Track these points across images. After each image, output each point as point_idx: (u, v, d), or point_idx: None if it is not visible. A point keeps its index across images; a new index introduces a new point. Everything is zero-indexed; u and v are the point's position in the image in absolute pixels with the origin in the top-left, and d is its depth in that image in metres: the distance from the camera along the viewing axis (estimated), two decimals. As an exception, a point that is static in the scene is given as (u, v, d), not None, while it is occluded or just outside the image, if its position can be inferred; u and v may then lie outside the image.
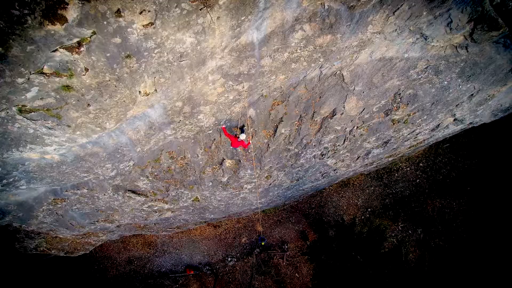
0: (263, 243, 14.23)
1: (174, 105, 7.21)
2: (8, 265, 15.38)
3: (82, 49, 4.79)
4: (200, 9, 5.01)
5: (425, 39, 7.22)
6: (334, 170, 12.45)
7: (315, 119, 9.28)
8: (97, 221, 11.64)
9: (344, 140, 10.31)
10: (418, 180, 16.10)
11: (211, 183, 11.02)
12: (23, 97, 5.16)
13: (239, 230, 17.58)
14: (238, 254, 17.45)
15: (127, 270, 17.76)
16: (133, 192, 10.33)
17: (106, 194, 10.00)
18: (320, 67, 7.65)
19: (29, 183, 8.12)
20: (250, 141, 8.83)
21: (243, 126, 8.25)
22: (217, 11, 5.19)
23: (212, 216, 14.21)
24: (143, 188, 10.32)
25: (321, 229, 15.00)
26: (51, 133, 6.23)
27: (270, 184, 12.24)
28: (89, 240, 14.22)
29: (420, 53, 7.66)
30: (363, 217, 16.34)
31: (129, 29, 4.82)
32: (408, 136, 10.93)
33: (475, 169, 15.43)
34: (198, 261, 17.66)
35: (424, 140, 11.94)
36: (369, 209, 16.41)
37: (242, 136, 7.76)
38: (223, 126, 8.11)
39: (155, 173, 9.76)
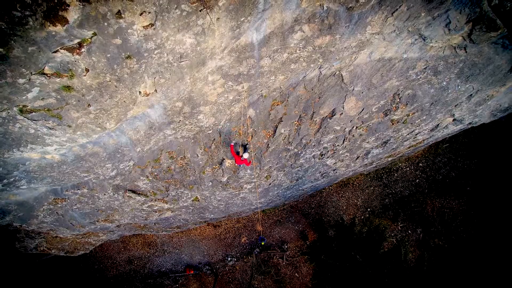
0: (263, 243, 14.27)
1: (174, 105, 7.25)
2: (8, 265, 15.42)
3: (82, 50, 4.83)
4: (200, 11, 5.05)
5: (424, 39, 7.25)
6: (334, 170, 12.48)
7: (315, 119, 9.31)
8: (97, 221, 11.67)
9: (344, 140, 10.34)
10: (417, 180, 16.14)
11: (211, 183, 11.06)
12: (24, 97, 5.20)
13: (239, 230, 17.62)
14: (238, 254, 17.49)
15: (127, 269, 17.81)
16: (133, 192, 10.37)
17: (106, 193, 10.04)
18: (320, 68, 7.69)
19: (30, 183, 8.15)
20: (252, 160, 9.78)
21: (246, 144, 9.12)
22: (217, 12, 5.23)
23: (212, 216, 14.24)
24: (143, 188, 10.35)
25: (320, 229, 15.03)
26: (52, 133, 6.27)
27: (269, 184, 12.28)
28: (89, 240, 14.26)
29: (419, 54, 7.69)
30: (362, 217, 16.38)
31: (129, 30, 4.86)
32: (408, 136, 10.96)
33: (475, 169, 15.46)
34: (198, 260, 17.69)
35: (423, 140, 11.97)
36: (368, 209, 16.44)
37: (245, 155, 8.50)
38: (232, 144, 8.85)
39: (155, 173, 9.80)
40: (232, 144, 8.75)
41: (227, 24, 5.55)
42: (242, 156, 8.52)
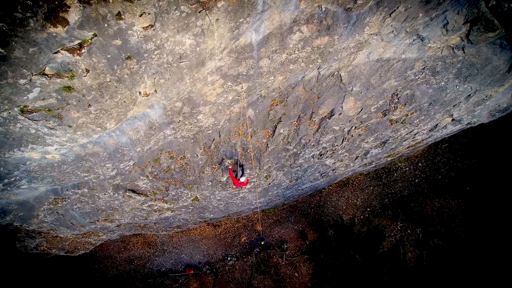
0: (262, 243, 14.34)
1: (174, 106, 7.30)
2: (8, 265, 15.47)
3: (83, 50, 4.88)
4: (199, 12, 5.10)
5: (422, 40, 7.29)
6: (333, 170, 12.52)
7: (314, 119, 9.36)
8: (97, 221, 11.72)
9: (343, 140, 10.38)
10: (417, 180, 16.18)
11: (210, 183, 11.10)
12: (25, 97, 5.25)
13: (238, 229, 17.67)
14: (238, 254, 17.54)
15: (127, 269, 17.86)
16: (133, 191, 10.41)
17: (106, 193, 10.08)
18: (318, 68, 7.73)
19: (30, 183, 8.20)
20: (249, 179, 10.53)
21: (243, 166, 9.74)
22: (216, 14, 5.27)
23: (211, 215, 14.29)
24: (143, 187, 10.40)
25: (320, 228, 15.07)
26: (52, 133, 6.32)
27: (269, 184, 12.32)
28: (89, 239, 14.31)
29: (417, 54, 7.73)
30: (362, 217, 16.42)
31: (129, 31, 4.91)
32: (406, 136, 11.01)
33: (474, 169, 15.51)
34: (198, 260, 17.74)
35: (422, 140, 12.01)
36: (368, 209, 16.48)
37: (242, 179, 9.19)
38: (230, 167, 9.46)
39: (155, 173, 9.85)
40: (230, 167, 9.46)
41: (226, 25, 5.60)
42: (239, 179, 9.13)
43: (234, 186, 11.33)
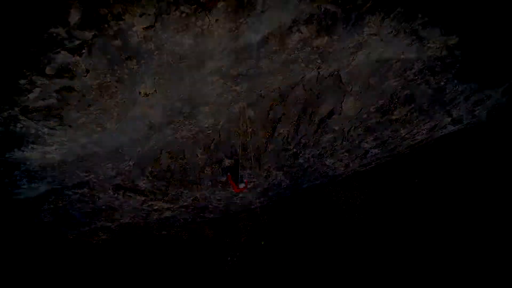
0: (262, 243, 14.34)
1: (174, 106, 7.32)
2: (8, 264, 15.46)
3: (83, 51, 4.90)
4: (199, 12, 5.12)
5: (421, 40, 7.31)
6: (333, 169, 12.55)
7: (313, 119, 9.37)
8: (97, 221, 11.74)
9: (342, 140, 10.40)
10: (417, 180, 16.19)
11: (210, 183, 11.12)
12: (25, 97, 5.27)
13: (238, 229, 17.68)
14: (238, 254, 17.55)
15: (127, 269, 17.85)
16: (133, 191, 10.43)
17: (106, 193, 10.10)
18: (318, 68, 7.75)
19: (30, 183, 8.21)
20: (247, 180, 10.97)
21: (242, 177, 10.11)
22: (216, 14, 5.30)
23: (211, 215, 14.31)
24: (143, 187, 10.41)
25: (320, 228, 15.09)
26: (53, 133, 6.34)
27: (269, 184, 12.34)
28: (89, 239, 14.32)
29: (416, 54, 7.75)
30: (362, 217, 16.42)
31: (129, 32, 4.94)
32: (406, 136, 11.03)
33: (474, 169, 15.51)
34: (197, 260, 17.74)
35: (422, 140, 12.03)
36: (368, 209, 16.48)
37: (241, 186, 9.55)
38: (229, 174, 9.92)
39: (155, 173, 9.86)
40: (229, 174, 9.83)
41: (226, 26, 5.62)
42: (238, 186, 9.45)
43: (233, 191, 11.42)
